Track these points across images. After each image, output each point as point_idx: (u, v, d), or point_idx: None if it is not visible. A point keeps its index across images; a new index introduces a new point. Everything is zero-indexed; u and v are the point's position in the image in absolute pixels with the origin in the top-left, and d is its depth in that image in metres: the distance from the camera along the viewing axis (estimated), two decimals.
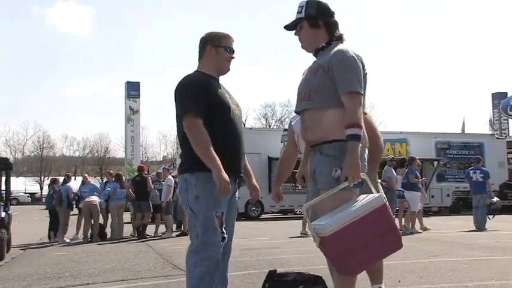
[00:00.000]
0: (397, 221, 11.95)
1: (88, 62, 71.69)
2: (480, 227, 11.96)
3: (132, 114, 34.92)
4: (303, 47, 3.26)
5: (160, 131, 61.32)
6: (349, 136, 2.87)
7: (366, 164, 3.11)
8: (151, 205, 12.79)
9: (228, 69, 3.44)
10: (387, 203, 2.92)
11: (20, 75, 73.84)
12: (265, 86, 67.86)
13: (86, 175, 15.01)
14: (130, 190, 12.68)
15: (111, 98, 71.61)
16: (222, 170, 3.03)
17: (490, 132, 32.24)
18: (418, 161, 12.79)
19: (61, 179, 14.35)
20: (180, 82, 3.28)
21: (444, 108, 69.74)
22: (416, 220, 12.36)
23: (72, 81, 76.45)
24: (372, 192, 2.97)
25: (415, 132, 22.62)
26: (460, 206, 21.91)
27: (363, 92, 2.98)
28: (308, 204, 3.08)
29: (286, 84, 66.22)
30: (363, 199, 2.93)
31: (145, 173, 12.91)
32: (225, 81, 3.51)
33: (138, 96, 35.19)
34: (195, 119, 3.11)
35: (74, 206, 13.08)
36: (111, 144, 63.31)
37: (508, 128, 36.56)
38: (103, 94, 72.99)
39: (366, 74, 3.07)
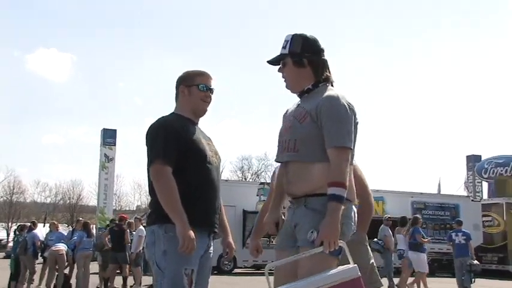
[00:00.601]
0: (396, 280, 12.10)
1: (66, 108, 71.12)
2: None
3: (107, 162, 34.36)
4: (287, 86, 2.96)
5: (135, 180, 60.18)
6: (331, 196, 2.58)
7: (353, 223, 2.79)
8: (128, 256, 12.24)
9: (205, 110, 3.18)
10: (361, 277, 2.61)
11: None
12: (242, 138, 67.97)
13: (55, 222, 14.50)
14: (106, 239, 12.19)
15: (86, 145, 70.69)
16: (187, 225, 2.75)
17: (466, 194, 32.42)
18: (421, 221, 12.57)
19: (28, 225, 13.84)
20: (151, 125, 3.03)
21: (420, 168, 70.40)
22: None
23: (49, 127, 75.51)
24: (349, 263, 2.64)
25: (392, 191, 22.53)
26: (435, 267, 21.63)
27: (352, 147, 2.71)
28: (273, 264, 2.71)
29: (264, 137, 66.49)
30: (337, 268, 2.61)
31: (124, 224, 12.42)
32: (205, 130, 3.28)
33: (114, 144, 34.71)
34: (163, 166, 2.85)
35: (40, 254, 12.56)
36: (84, 191, 61.98)
37: (482, 191, 36.78)
38: (79, 141, 72.19)
39: (358, 123, 2.79)
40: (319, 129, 2.71)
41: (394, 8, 68.47)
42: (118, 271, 12.56)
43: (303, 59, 2.85)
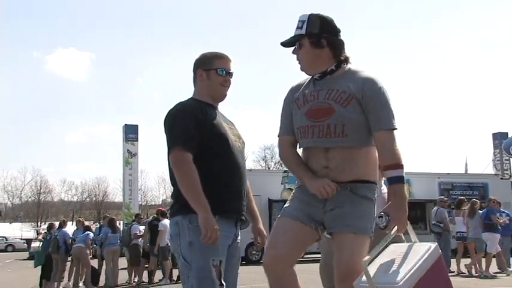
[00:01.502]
0: (453, 262, 12.17)
1: (87, 106, 72.04)
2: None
3: (130, 158, 34.52)
4: (302, 68, 2.85)
5: (159, 175, 60.50)
6: (393, 178, 2.60)
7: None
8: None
9: (224, 95, 3.02)
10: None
11: (19, 121, 74.04)
12: (264, 128, 67.88)
13: (81, 219, 14.61)
14: (147, 237, 12.28)
15: (109, 142, 71.61)
16: (210, 215, 2.61)
17: (494, 173, 31.88)
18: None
19: (57, 224, 13.94)
20: (169, 111, 2.88)
21: (446, 148, 69.64)
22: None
23: (71, 126, 76.60)
24: (411, 240, 2.65)
25: (418, 173, 22.17)
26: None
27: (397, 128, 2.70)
28: (370, 258, 2.49)
29: None
30: (418, 248, 2.57)
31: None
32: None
33: (137, 139, 34.86)
34: (183, 152, 2.71)
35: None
36: (109, 188, 62.78)
37: (510, 168, 36.21)
38: (101, 138, 73.05)
39: None
40: (363, 113, 2.68)
41: None
42: (146, 265, 12.59)
43: (321, 40, 2.75)
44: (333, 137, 2.67)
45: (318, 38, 2.74)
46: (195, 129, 2.77)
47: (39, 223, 58.90)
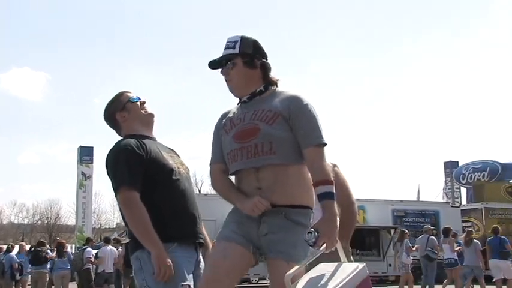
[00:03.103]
0: None
1: (41, 127, 70.34)
2: None
3: (84, 180, 33.89)
4: (231, 89, 2.80)
5: (113, 198, 59.08)
6: (322, 194, 2.51)
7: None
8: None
9: (152, 115, 3.09)
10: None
11: None
12: None
13: (23, 243, 14.25)
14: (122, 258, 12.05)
15: (63, 163, 69.96)
16: (162, 250, 2.65)
17: (445, 200, 32.65)
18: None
19: (5, 247, 13.55)
20: (109, 151, 2.90)
21: (399, 175, 70.98)
22: None
23: (24, 146, 74.55)
24: (340, 260, 2.57)
25: (372, 200, 22.56)
26: (417, 274, 21.68)
27: (326, 144, 2.63)
28: (292, 273, 2.40)
29: None
30: (346, 267, 2.52)
31: None
32: (179, 147, 3.15)
33: (91, 161, 34.27)
34: (130, 192, 2.73)
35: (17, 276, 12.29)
36: (62, 210, 61.15)
37: (461, 196, 37.11)
38: (56, 160, 71.32)
39: None
40: (291, 131, 2.62)
41: (377, 18, 69.30)
42: None
43: (255, 60, 2.74)
44: (261, 155, 2.60)
45: (251, 58, 2.74)
46: (138, 165, 2.78)
47: None
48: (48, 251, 12.71)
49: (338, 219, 2.54)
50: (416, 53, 66.63)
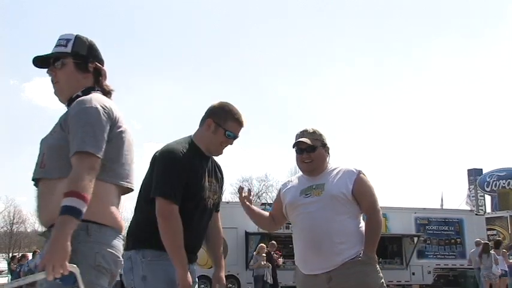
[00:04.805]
0: None
1: None
2: None
3: None
4: (56, 91, 2.49)
5: (134, 206, 59.70)
6: (63, 208, 2.04)
7: (114, 252, 2.30)
8: None
9: (219, 153, 3.05)
10: None
11: None
12: (242, 160, 67.92)
13: (37, 250, 14.37)
14: None
15: None
16: (188, 272, 2.71)
17: (469, 208, 32.25)
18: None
19: (30, 255, 13.73)
20: (162, 152, 2.88)
21: (422, 183, 70.17)
22: None
23: None
24: None
25: (394, 207, 22.36)
26: (441, 283, 21.42)
27: (99, 155, 2.20)
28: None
29: (264, 158, 66.37)
30: None
31: None
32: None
33: None
34: (173, 205, 2.74)
35: None
36: None
37: (485, 204, 36.65)
38: None
39: (121, 131, 2.38)
40: (66, 139, 2.27)
41: (392, 20, 68.99)
42: None
43: (88, 63, 2.47)
44: (37, 168, 2.36)
45: (85, 61, 2.47)
46: (182, 182, 2.80)
47: (10, 254, 57.68)
48: None
49: (72, 242, 2.05)
50: (442, 59, 66.12)
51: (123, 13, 71.84)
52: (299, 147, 3.31)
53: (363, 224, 3.27)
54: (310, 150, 3.27)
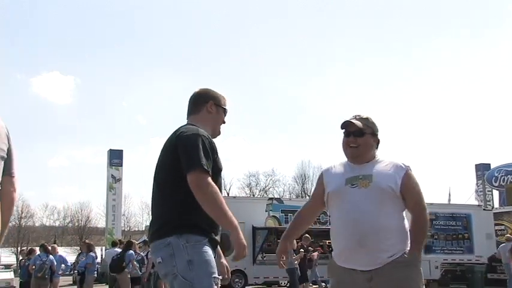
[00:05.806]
0: None
1: (70, 130, 71.55)
2: None
3: (114, 183, 34.28)
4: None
5: (142, 200, 59.84)
6: None
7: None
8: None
9: (220, 133, 3.23)
10: None
11: None
12: (249, 155, 67.93)
13: (55, 245, 14.41)
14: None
15: (93, 166, 70.83)
16: (241, 233, 2.76)
17: (477, 203, 32.08)
18: None
19: (38, 249, 13.75)
20: (189, 131, 2.94)
21: (429, 178, 69.91)
22: None
23: (54, 150, 75.93)
24: None
25: None
26: (448, 278, 21.35)
27: None
28: None
29: (270, 153, 66.40)
30: None
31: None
32: None
33: (121, 165, 34.66)
34: (208, 175, 2.78)
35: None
36: (92, 213, 62.01)
37: (493, 199, 36.46)
38: (85, 163, 72.37)
39: None
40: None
41: (392, 20, 68.60)
42: None
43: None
44: None
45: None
46: (211, 159, 2.89)
47: (18, 248, 57.97)
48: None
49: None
50: (442, 59, 65.72)
51: (123, 13, 71.77)
52: (347, 129, 3.19)
53: (406, 222, 3.16)
54: (358, 134, 3.16)
